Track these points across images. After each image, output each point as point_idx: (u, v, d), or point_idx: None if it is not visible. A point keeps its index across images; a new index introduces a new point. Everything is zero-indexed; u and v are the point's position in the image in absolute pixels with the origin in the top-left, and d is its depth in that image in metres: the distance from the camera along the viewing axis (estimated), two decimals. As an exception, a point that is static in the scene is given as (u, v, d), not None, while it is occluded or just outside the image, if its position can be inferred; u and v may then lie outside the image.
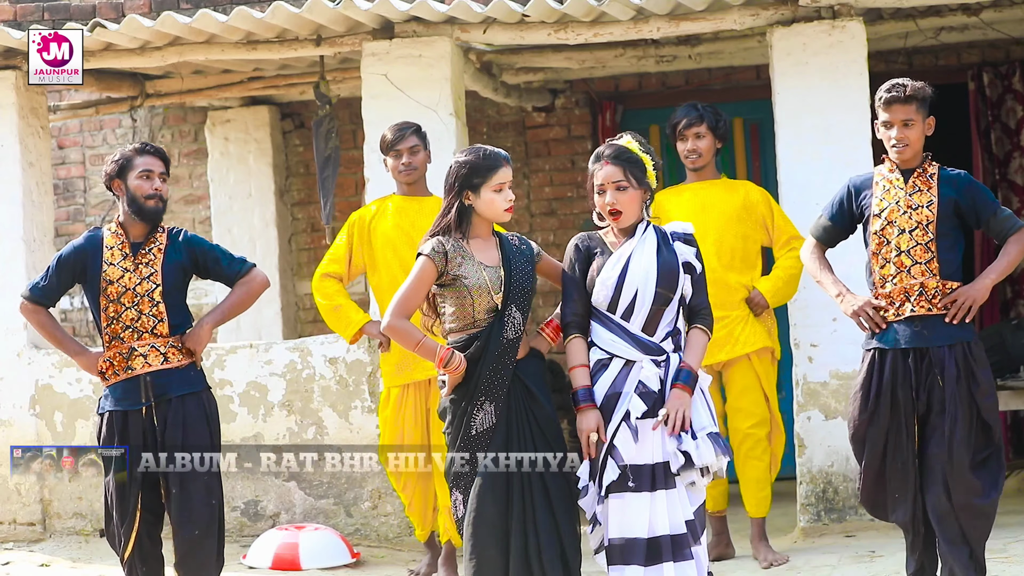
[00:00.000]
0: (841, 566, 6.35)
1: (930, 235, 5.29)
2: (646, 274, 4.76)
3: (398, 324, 4.79)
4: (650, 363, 4.74)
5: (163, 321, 5.40)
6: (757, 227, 6.67)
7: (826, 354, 7.05)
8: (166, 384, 5.38)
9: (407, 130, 6.52)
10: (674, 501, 4.73)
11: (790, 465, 7.30)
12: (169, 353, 5.40)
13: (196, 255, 5.50)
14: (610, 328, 4.79)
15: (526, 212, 9.38)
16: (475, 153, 4.85)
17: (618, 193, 4.81)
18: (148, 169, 5.44)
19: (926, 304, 5.30)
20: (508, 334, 4.78)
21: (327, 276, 6.55)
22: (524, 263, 4.87)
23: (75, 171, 9.89)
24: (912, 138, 5.33)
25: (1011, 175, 8.92)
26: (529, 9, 7.19)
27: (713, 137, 6.65)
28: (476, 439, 4.76)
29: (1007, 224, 5.35)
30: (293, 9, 7.17)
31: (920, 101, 5.34)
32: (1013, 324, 7.90)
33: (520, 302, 4.81)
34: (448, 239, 4.82)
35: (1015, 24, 8.29)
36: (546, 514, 4.72)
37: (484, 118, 9.41)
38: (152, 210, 5.44)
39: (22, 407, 7.69)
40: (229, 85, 8.86)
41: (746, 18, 7.23)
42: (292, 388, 7.53)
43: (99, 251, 5.45)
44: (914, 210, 5.32)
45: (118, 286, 5.39)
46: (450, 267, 4.78)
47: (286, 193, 9.64)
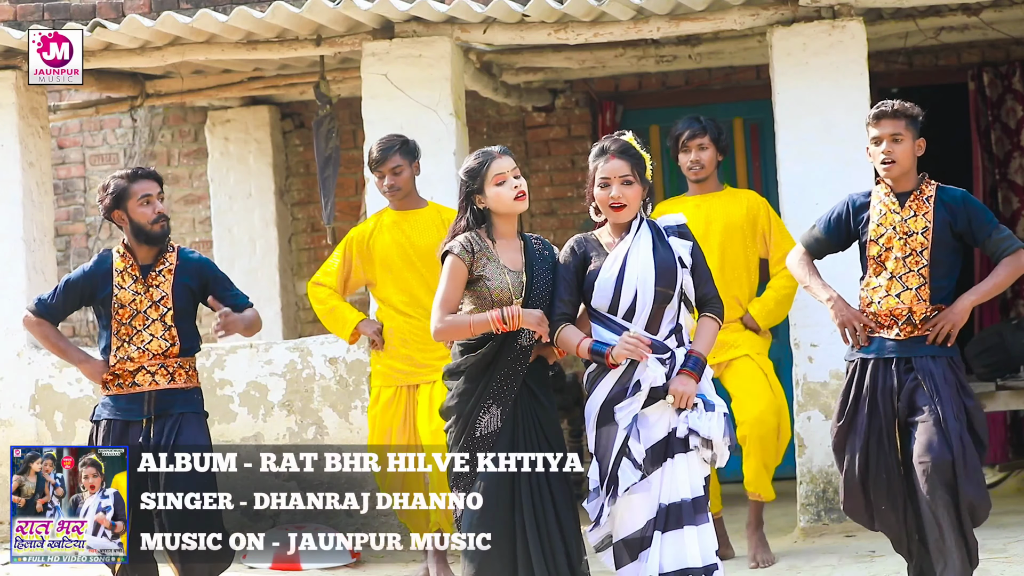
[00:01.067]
0: (841, 566, 6.35)
1: (924, 262, 5.26)
2: (644, 273, 4.74)
3: (443, 325, 4.79)
4: (655, 361, 4.73)
5: (175, 344, 5.43)
6: (757, 238, 6.66)
7: (826, 354, 7.04)
8: (170, 402, 5.42)
9: (390, 150, 6.46)
10: (693, 464, 4.72)
11: (790, 465, 7.29)
12: (176, 373, 5.43)
13: (206, 280, 5.51)
14: (613, 330, 4.77)
15: (526, 212, 9.36)
16: (468, 159, 4.89)
17: (624, 187, 4.79)
18: (147, 194, 5.41)
19: (911, 329, 5.27)
20: (522, 341, 4.78)
21: (317, 284, 6.58)
22: (545, 270, 4.86)
23: (75, 171, 9.88)
24: (900, 154, 5.27)
25: (1011, 175, 8.91)
26: (529, 9, 7.18)
27: (715, 149, 6.64)
28: (479, 441, 4.77)
29: (1002, 246, 5.30)
30: (293, 9, 7.17)
31: (909, 119, 5.28)
32: (1013, 324, 7.91)
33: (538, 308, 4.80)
34: (476, 237, 4.82)
35: (1015, 24, 8.28)
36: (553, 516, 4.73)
37: (484, 118, 9.41)
38: (159, 234, 5.43)
39: (22, 407, 7.69)
40: (229, 85, 8.86)
41: (746, 18, 7.23)
42: (292, 388, 7.53)
43: (109, 275, 5.46)
44: (909, 236, 5.27)
45: (130, 309, 5.40)
46: (476, 266, 4.79)
47: (286, 193, 9.64)
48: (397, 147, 6.48)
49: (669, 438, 4.73)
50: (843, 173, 7.04)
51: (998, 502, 7.79)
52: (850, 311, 5.36)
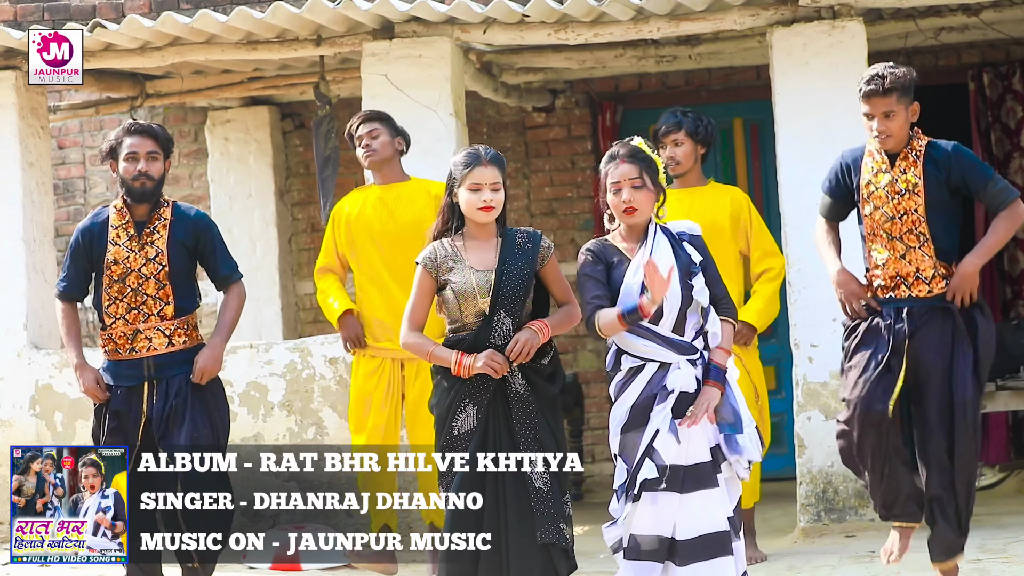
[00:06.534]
0: (841, 566, 6.35)
1: (921, 219, 5.23)
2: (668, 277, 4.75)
3: (408, 340, 4.89)
4: (687, 364, 4.73)
5: (169, 303, 5.40)
6: (740, 234, 6.59)
7: (826, 354, 7.04)
8: (171, 364, 5.41)
9: (363, 117, 6.40)
10: (715, 499, 4.72)
11: (790, 465, 7.29)
12: (174, 336, 5.41)
13: (200, 238, 5.49)
14: (640, 334, 4.75)
15: (526, 212, 9.38)
16: (460, 154, 4.90)
17: (634, 191, 4.78)
18: (133, 151, 5.43)
19: (924, 287, 5.26)
20: (496, 340, 4.78)
21: (322, 270, 6.53)
22: (521, 265, 4.82)
23: (75, 171, 9.89)
24: (894, 128, 5.26)
25: (1011, 175, 8.91)
26: (529, 9, 7.19)
27: (693, 143, 6.51)
28: (456, 440, 4.81)
29: (999, 197, 5.26)
30: (293, 9, 7.18)
31: (901, 91, 5.24)
32: (1013, 324, 7.91)
33: (510, 307, 4.78)
34: (443, 244, 4.86)
35: (1015, 24, 8.29)
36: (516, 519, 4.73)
37: (484, 118, 9.41)
38: (139, 191, 5.43)
39: (22, 407, 7.69)
40: (229, 85, 8.87)
41: (746, 18, 7.24)
42: (292, 388, 7.53)
43: (104, 230, 5.46)
44: (901, 196, 5.25)
45: (122, 266, 5.38)
46: (441, 273, 4.83)
47: (286, 193, 9.64)
48: (373, 115, 6.42)
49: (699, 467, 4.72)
50: (843, 173, 7.05)
51: (998, 502, 7.82)
52: (852, 287, 5.33)
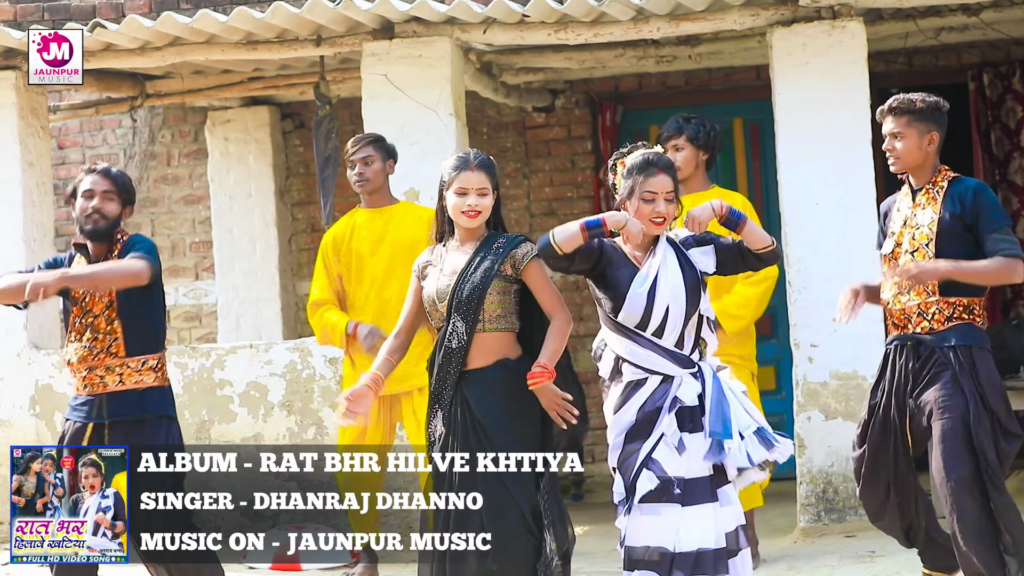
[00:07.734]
0: (841, 566, 6.36)
1: (929, 254, 5.15)
2: (674, 293, 4.73)
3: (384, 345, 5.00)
4: (690, 377, 4.74)
5: (118, 340, 5.27)
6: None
7: (826, 354, 7.04)
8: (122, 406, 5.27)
9: (362, 141, 6.48)
10: (714, 515, 4.71)
11: (790, 465, 7.29)
12: (126, 376, 5.30)
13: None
14: (644, 345, 4.75)
15: (526, 212, 9.38)
16: (451, 157, 4.92)
17: (668, 204, 4.79)
18: (88, 189, 5.32)
19: (927, 324, 5.19)
20: (451, 344, 4.81)
21: (315, 304, 6.49)
22: (484, 269, 4.81)
23: (75, 171, 9.84)
24: (902, 152, 5.21)
25: (1011, 175, 8.92)
26: (529, 9, 7.19)
27: (694, 148, 6.46)
28: (432, 444, 4.88)
29: (998, 245, 5.12)
30: (293, 9, 7.18)
31: (913, 114, 5.21)
32: (1013, 324, 7.91)
33: (464, 312, 4.79)
34: (434, 248, 4.94)
35: (1015, 24, 8.29)
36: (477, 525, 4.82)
37: (484, 118, 9.41)
38: (89, 229, 5.31)
39: (22, 407, 7.70)
40: (229, 85, 8.87)
41: (746, 18, 7.24)
42: (292, 388, 7.53)
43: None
44: (916, 229, 5.20)
45: (80, 307, 5.30)
46: (424, 277, 4.91)
47: (286, 193, 9.64)
48: (370, 140, 6.50)
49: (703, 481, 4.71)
50: (843, 173, 7.05)
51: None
52: (855, 287, 5.30)
